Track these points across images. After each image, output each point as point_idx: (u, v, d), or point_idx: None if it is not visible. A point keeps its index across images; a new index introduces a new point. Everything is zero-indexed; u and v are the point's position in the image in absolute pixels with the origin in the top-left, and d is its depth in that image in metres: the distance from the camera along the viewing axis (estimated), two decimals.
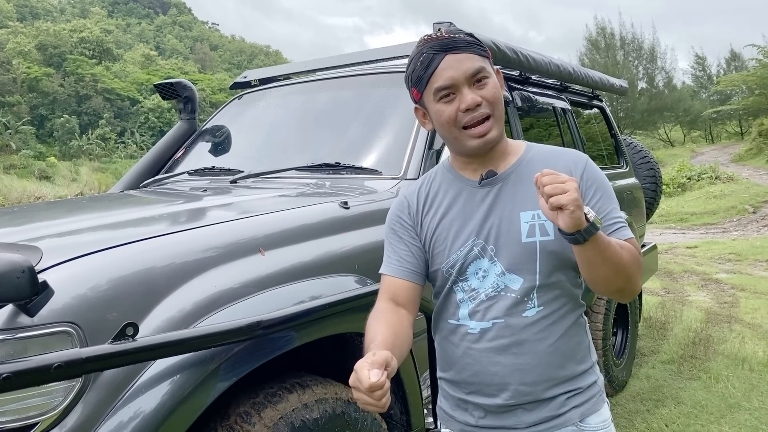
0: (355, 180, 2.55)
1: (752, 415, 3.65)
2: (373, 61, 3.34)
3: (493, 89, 1.37)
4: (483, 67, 1.36)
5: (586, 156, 1.46)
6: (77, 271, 1.42)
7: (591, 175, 1.41)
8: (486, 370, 1.41)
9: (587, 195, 1.38)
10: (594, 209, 1.30)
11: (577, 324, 1.47)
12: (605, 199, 1.39)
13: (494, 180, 1.43)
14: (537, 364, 1.40)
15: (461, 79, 1.34)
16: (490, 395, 1.42)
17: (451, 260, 1.43)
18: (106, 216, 2.21)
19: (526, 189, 1.39)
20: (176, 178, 3.16)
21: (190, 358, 1.45)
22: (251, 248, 1.76)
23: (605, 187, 1.42)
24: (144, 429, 1.36)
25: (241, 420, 1.58)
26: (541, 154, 1.47)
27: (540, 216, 1.36)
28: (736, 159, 25.09)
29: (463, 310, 1.43)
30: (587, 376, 1.47)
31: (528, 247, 1.37)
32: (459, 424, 1.49)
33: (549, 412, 1.42)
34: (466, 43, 1.36)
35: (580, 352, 1.46)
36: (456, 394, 1.49)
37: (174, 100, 3.71)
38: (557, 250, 1.36)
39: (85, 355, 1.21)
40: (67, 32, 62.84)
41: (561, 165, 1.38)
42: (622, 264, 1.29)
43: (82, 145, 49.62)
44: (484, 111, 1.35)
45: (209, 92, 59.85)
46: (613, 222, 1.37)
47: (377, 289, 1.86)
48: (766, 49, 28.35)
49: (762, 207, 14.56)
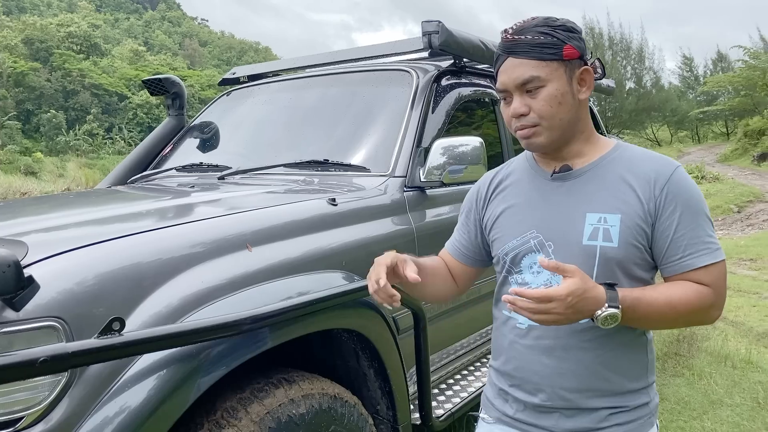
0: (343, 177, 2.56)
1: (734, 411, 3.70)
2: (363, 59, 3.35)
3: (544, 100, 1.30)
4: (536, 76, 1.29)
5: (675, 166, 1.32)
6: (63, 266, 1.42)
7: (674, 189, 1.29)
8: (528, 367, 1.40)
9: (664, 211, 1.28)
10: (670, 228, 1.27)
11: (636, 341, 1.37)
12: (686, 217, 1.28)
13: (567, 175, 1.38)
14: (580, 372, 1.35)
15: (511, 86, 1.32)
16: (529, 393, 1.41)
17: (507, 247, 1.42)
18: (93, 211, 2.21)
19: (598, 189, 1.34)
20: (164, 174, 3.15)
21: (177, 354, 1.45)
22: (238, 244, 1.76)
23: (691, 203, 1.29)
24: (130, 424, 1.36)
25: (227, 415, 1.59)
26: (627, 156, 1.37)
27: (607, 220, 1.30)
28: (722, 159, 25.34)
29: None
30: (638, 396, 1.38)
31: (588, 250, 1.31)
32: (497, 412, 1.49)
33: (589, 423, 1.36)
34: (529, 46, 1.30)
35: (634, 370, 1.38)
36: (499, 383, 1.49)
37: (162, 96, 3.69)
38: (619, 259, 1.30)
39: (71, 350, 1.21)
40: (54, 27, 62.18)
41: (643, 172, 1.31)
42: (668, 322, 1.28)
43: (69, 141, 49.12)
44: (528, 122, 1.32)
45: (198, 88, 59.46)
46: (692, 243, 1.28)
47: (364, 285, 1.88)
48: (751, 50, 28.63)
49: (746, 207, 14.72)
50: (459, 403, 2.54)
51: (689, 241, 1.28)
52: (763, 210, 14.16)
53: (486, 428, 1.52)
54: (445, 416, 2.43)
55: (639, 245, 1.30)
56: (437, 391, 2.64)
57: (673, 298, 1.27)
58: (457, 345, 2.80)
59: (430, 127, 2.66)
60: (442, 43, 2.75)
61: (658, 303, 1.26)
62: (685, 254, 1.28)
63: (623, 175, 1.33)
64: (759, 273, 8.00)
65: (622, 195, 1.31)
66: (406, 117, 2.64)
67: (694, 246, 1.28)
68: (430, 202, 2.55)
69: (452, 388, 2.69)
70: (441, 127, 2.72)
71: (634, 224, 1.29)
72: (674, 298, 1.27)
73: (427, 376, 2.22)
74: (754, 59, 27.77)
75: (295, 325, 1.70)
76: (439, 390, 2.66)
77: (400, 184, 2.45)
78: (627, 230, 1.29)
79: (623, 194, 1.31)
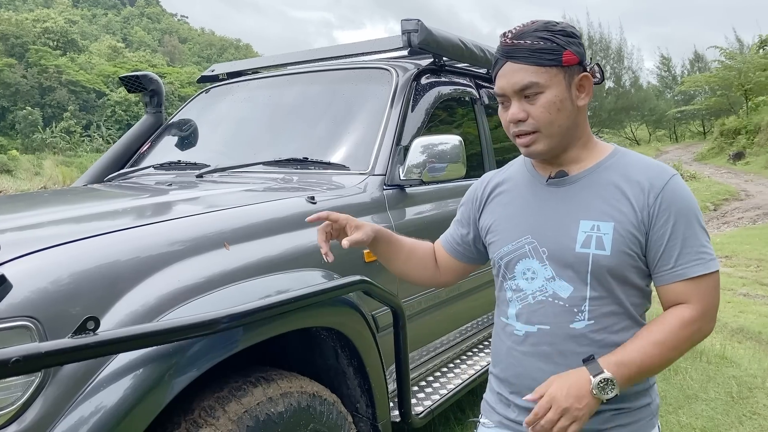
0: (322, 175, 2.56)
1: (708, 405, 3.76)
2: (342, 57, 3.34)
3: (543, 107, 1.29)
4: (535, 82, 1.28)
5: (671, 174, 1.31)
6: (37, 265, 1.40)
7: (669, 198, 1.28)
8: (526, 374, 1.38)
9: (658, 220, 1.28)
10: (663, 237, 1.27)
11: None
12: (679, 226, 1.27)
13: (562, 181, 1.37)
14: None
15: (509, 91, 1.31)
16: None
17: (502, 252, 1.42)
18: (68, 210, 2.18)
19: (593, 196, 1.33)
20: (142, 172, 3.12)
21: (153, 353, 1.44)
22: (216, 242, 1.75)
23: (685, 212, 1.28)
24: (105, 424, 1.35)
25: (205, 414, 1.58)
26: (623, 162, 1.35)
27: (600, 228, 1.29)
28: (698, 158, 25.73)
29: (511, 309, 1.42)
30: (640, 397, 1.38)
31: (580, 257, 1.30)
32: (499, 416, 1.48)
33: (592, 425, 1.33)
34: (528, 52, 1.28)
35: None
36: (500, 390, 1.48)
37: (140, 93, 3.66)
38: (612, 267, 1.29)
39: (44, 350, 1.19)
40: (30, 22, 61.16)
41: (637, 180, 1.31)
42: (668, 359, 1.28)
43: (46, 138, 48.36)
44: (526, 128, 1.31)
45: (178, 85, 58.87)
46: (685, 253, 1.27)
47: (345, 283, 1.89)
48: (727, 51, 29.11)
49: (722, 205, 14.98)
50: (438, 401, 2.55)
51: (681, 250, 1.27)
52: (738, 208, 14.43)
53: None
54: (425, 413, 2.44)
55: (632, 253, 1.29)
56: (417, 388, 2.65)
57: (658, 338, 1.27)
58: (436, 342, 2.82)
59: (410, 125, 2.67)
60: (421, 41, 2.76)
61: (645, 349, 1.26)
62: (677, 264, 1.27)
63: (618, 182, 1.32)
64: (734, 270, 8.15)
65: (616, 203, 1.30)
66: (385, 115, 2.64)
67: (687, 256, 1.27)
68: (409, 200, 2.56)
69: (432, 385, 2.70)
70: (420, 125, 2.73)
71: (627, 233, 1.28)
72: (658, 337, 1.27)
73: (407, 374, 2.23)
74: (730, 59, 28.24)
75: (273, 323, 1.69)
76: (419, 387, 2.67)
77: (380, 183, 2.46)
78: (620, 239, 1.28)
79: (617, 202, 1.30)
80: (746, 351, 4.77)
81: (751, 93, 25.81)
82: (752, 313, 5.96)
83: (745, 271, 8.05)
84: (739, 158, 22.09)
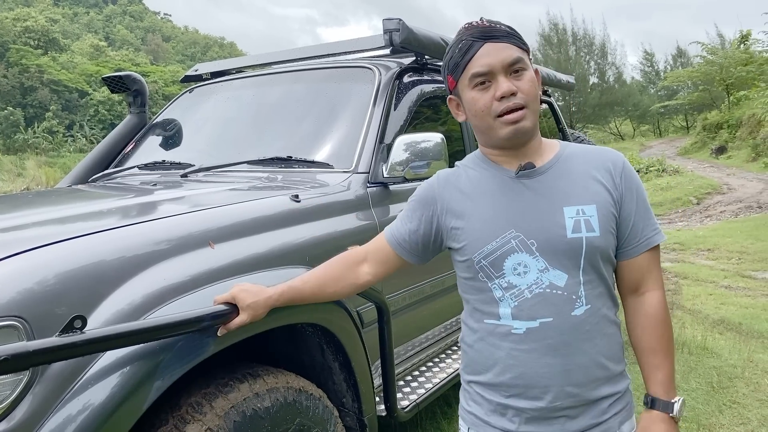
0: (307, 174, 2.58)
1: (690, 396, 3.84)
2: (326, 56, 3.37)
3: (530, 82, 1.35)
4: (521, 57, 1.35)
5: (623, 156, 1.44)
6: (23, 266, 1.42)
7: (628, 176, 1.39)
8: (532, 372, 1.36)
9: (626, 199, 1.37)
10: (631, 213, 1.37)
11: (614, 322, 1.42)
12: (640, 203, 1.39)
13: (532, 173, 1.39)
14: (585, 364, 1.35)
15: (498, 67, 1.32)
16: (535, 398, 1.37)
17: (485, 251, 1.37)
18: (53, 210, 2.19)
19: (568, 184, 1.37)
20: (126, 173, 3.13)
21: (139, 351, 1.46)
22: (201, 241, 1.77)
23: (641, 188, 1.40)
24: (93, 421, 1.37)
25: (192, 410, 1.61)
26: (579, 151, 1.44)
27: (585, 211, 1.34)
28: (682, 152, 25.98)
29: (504, 308, 1.38)
30: (623, 379, 1.43)
31: (573, 243, 1.33)
32: (495, 430, 1.43)
33: (592, 419, 1.37)
34: (506, 33, 1.35)
35: (618, 352, 1.42)
36: (493, 398, 1.42)
37: (124, 93, 3.66)
38: (602, 246, 1.34)
39: (32, 348, 1.21)
40: (10, 21, 60.36)
41: (599, 162, 1.40)
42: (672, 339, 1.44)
43: (28, 139, 47.77)
44: (519, 101, 1.33)
45: (162, 84, 58.40)
46: (648, 227, 1.40)
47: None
48: (709, 46, 29.41)
49: (705, 198, 15.15)
50: (424, 395, 2.59)
51: (645, 223, 1.39)
52: (720, 201, 14.60)
53: None
54: (410, 407, 2.47)
55: (613, 231, 1.38)
56: (402, 383, 2.69)
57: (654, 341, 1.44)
58: (422, 337, 2.86)
59: (393, 123, 2.70)
60: (402, 40, 2.79)
61: (666, 352, 1.43)
62: (643, 235, 1.39)
63: (585, 168, 1.39)
64: (716, 263, 8.26)
65: (591, 186, 1.37)
66: (368, 113, 2.67)
67: (648, 228, 1.40)
68: (393, 197, 2.59)
69: (417, 380, 2.74)
70: (403, 123, 2.77)
71: (608, 212, 1.36)
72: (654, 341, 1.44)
73: (392, 369, 2.26)
74: (712, 55, 28.53)
75: (258, 320, 1.71)
76: (405, 382, 2.71)
77: (363, 180, 2.49)
78: (604, 219, 1.35)
79: (592, 185, 1.37)
80: (727, 342, 4.86)
81: (733, 88, 26.10)
82: (733, 304, 6.06)
83: (727, 263, 8.16)
84: (721, 152, 22.34)
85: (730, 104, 25.75)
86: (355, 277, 1.63)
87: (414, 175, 2.51)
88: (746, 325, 5.32)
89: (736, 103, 25.01)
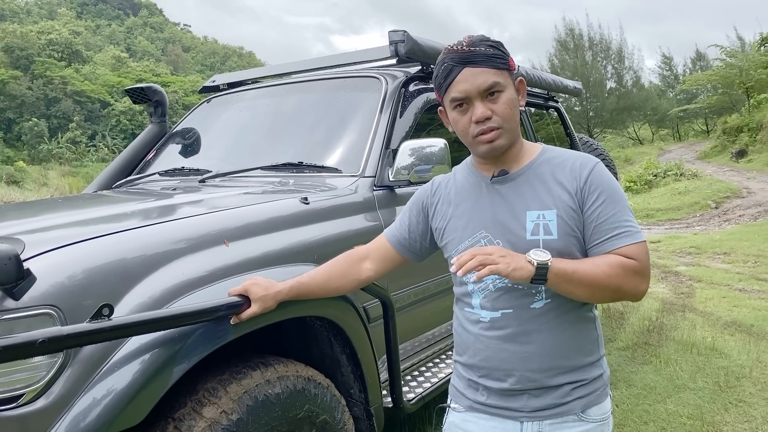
0: (316, 178, 2.72)
1: (696, 395, 3.90)
2: (336, 66, 3.51)
3: (505, 104, 1.46)
4: (497, 82, 1.44)
5: (596, 160, 1.52)
6: (57, 260, 1.57)
7: (596, 179, 1.47)
8: (495, 356, 1.52)
9: (588, 200, 1.46)
10: (594, 214, 1.45)
11: (586, 318, 1.55)
12: (609, 204, 1.45)
13: (505, 179, 1.53)
14: (542, 352, 1.49)
15: (474, 93, 1.44)
16: (499, 379, 1.53)
17: (459, 248, 1.55)
18: (81, 213, 2.36)
19: (533, 190, 1.50)
20: (148, 179, 3.30)
21: (161, 338, 1.60)
22: (217, 240, 1.92)
23: (610, 191, 1.47)
24: (119, 401, 1.51)
25: (208, 394, 1.74)
26: (552, 157, 1.54)
27: (545, 216, 1.46)
28: (701, 156, 25.75)
29: (475, 299, 1.55)
30: (593, 369, 1.55)
31: (532, 244, 1.45)
32: (469, 401, 1.61)
33: (554, 399, 1.50)
34: (485, 57, 1.44)
35: (587, 345, 1.54)
36: (468, 375, 1.61)
37: (145, 104, 3.84)
38: (561, 249, 1.45)
39: (66, 332, 1.36)
40: (35, 34, 61.75)
41: (567, 168, 1.50)
42: (598, 282, 1.41)
43: (52, 149, 48.78)
44: (493, 124, 1.45)
45: (182, 94, 59.31)
46: (613, 228, 1.45)
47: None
48: (728, 49, 29.14)
49: (723, 202, 15.04)
50: (429, 388, 2.70)
51: (611, 225, 1.45)
52: (739, 205, 14.49)
53: (458, 416, 1.65)
54: (416, 400, 2.59)
55: (576, 234, 1.48)
56: (410, 377, 2.81)
57: (596, 261, 1.45)
58: (428, 334, 2.97)
59: (399, 129, 2.83)
60: (407, 51, 2.93)
61: (580, 267, 1.42)
62: (608, 236, 1.45)
63: (553, 173, 1.51)
64: (731, 266, 8.25)
65: (554, 192, 1.49)
66: (375, 121, 2.81)
67: (616, 229, 1.45)
68: (398, 200, 2.71)
69: (424, 374, 2.85)
70: (408, 129, 2.89)
71: (569, 216, 1.47)
72: (597, 258, 1.45)
73: (397, 362, 2.39)
74: (731, 58, 28.27)
75: (269, 312, 1.85)
76: (412, 376, 2.82)
77: (370, 184, 2.62)
78: (563, 223, 1.47)
79: (556, 191, 1.49)
80: (737, 343, 4.90)
81: (753, 91, 25.84)
82: (746, 307, 6.07)
83: (743, 267, 8.15)
84: (741, 156, 22.12)
85: (751, 107, 25.46)
86: (357, 273, 1.80)
87: (418, 178, 2.63)
88: (758, 326, 5.34)
89: (757, 106, 24.75)
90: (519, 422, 1.53)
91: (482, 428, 1.58)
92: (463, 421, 1.63)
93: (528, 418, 1.52)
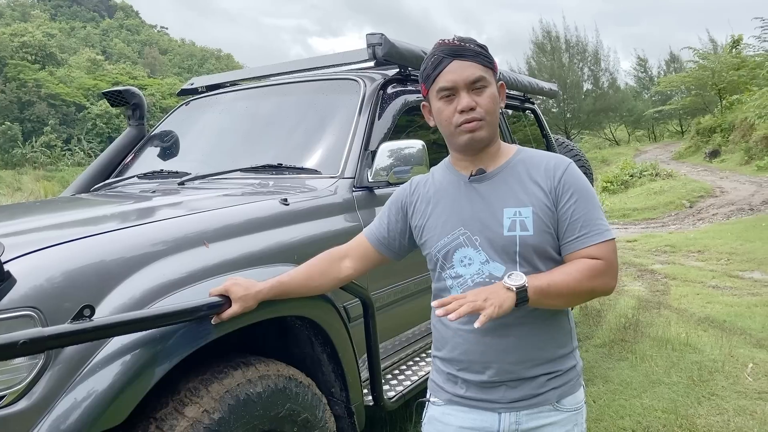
0: (296, 179, 2.75)
1: (671, 389, 3.99)
2: (314, 69, 3.54)
3: (489, 98, 1.53)
4: (483, 76, 1.52)
5: (569, 161, 1.59)
6: (37, 262, 1.58)
7: (569, 179, 1.54)
8: (474, 350, 1.57)
9: (562, 198, 1.52)
10: (568, 212, 1.51)
11: (558, 312, 1.60)
12: (580, 203, 1.52)
13: (483, 177, 1.59)
14: (519, 345, 1.54)
15: (461, 84, 1.51)
16: (477, 372, 1.58)
17: (439, 245, 1.60)
18: (60, 216, 2.35)
19: (510, 188, 1.55)
20: (126, 182, 3.29)
21: (141, 339, 1.62)
22: (197, 241, 1.94)
23: (583, 191, 1.53)
24: (101, 401, 1.52)
25: (190, 394, 1.76)
26: (527, 157, 1.61)
27: (521, 213, 1.52)
28: (676, 156, 26.18)
29: (453, 294, 1.57)
30: (567, 360, 1.61)
31: (508, 239, 1.51)
32: (448, 394, 1.65)
33: (530, 390, 1.56)
34: (474, 52, 1.53)
35: (561, 337, 1.61)
36: (447, 369, 1.65)
37: (123, 107, 3.82)
38: (536, 245, 1.51)
39: (47, 333, 1.37)
40: (8, 36, 60.64)
41: (542, 168, 1.56)
42: (572, 289, 1.47)
43: (26, 153, 47.93)
44: (477, 115, 1.51)
45: (159, 97, 58.68)
46: (585, 225, 1.51)
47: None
48: (701, 51, 29.67)
49: (698, 201, 15.32)
50: (409, 386, 2.73)
51: (584, 222, 1.52)
52: (713, 204, 14.78)
53: (438, 410, 1.69)
54: (397, 398, 2.62)
55: (550, 230, 1.54)
56: (390, 375, 2.84)
57: (566, 267, 1.52)
58: (408, 333, 3.01)
59: (377, 131, 2.87)
60: (385, 54, 2.96)
61: (553, 279, 1.48)
62: (581, 233, 1.52)
63: (529, 172, 1.57)
64: (705, 264, 8.42)
65: (530, 190, 1.55)
66: (354, 122, 2.84)
67: (588, 227, 1.52)
68: (377, 200, 2.75)
69: (404, 372, 2.89)
70: (387, 131, 2.93)
71: (544, 213, 1.53)
72: (567, 267, 1.52)
73: (377, 360, 2.42)
74: (704, 60, 28.79)
75: (250, 312, 1.86)
76: (392, 375, 2.85)
77: (350, 185, 2.65)
78: (539, 220, 1.52)
79: (531, 189, 1.55)
80: (710, 338, 5.01)
81: (725, 92, 26.32)
82: (719, 303, 6.21)
83: (716, 264, 8.32)
84: (714, 156, 22.53)
85: (723, 108, 25.98)
86: (337, 272, 1.83)
87: (397, 179, 2.67)
88: (730, 322, 5.47)
89: (729, 107, 25.23)
90: (497, 413, 1.58)
91: (462, 420, 1.63)
92: (442, 415, 1.67)
93: (506, 409, 1.57)
